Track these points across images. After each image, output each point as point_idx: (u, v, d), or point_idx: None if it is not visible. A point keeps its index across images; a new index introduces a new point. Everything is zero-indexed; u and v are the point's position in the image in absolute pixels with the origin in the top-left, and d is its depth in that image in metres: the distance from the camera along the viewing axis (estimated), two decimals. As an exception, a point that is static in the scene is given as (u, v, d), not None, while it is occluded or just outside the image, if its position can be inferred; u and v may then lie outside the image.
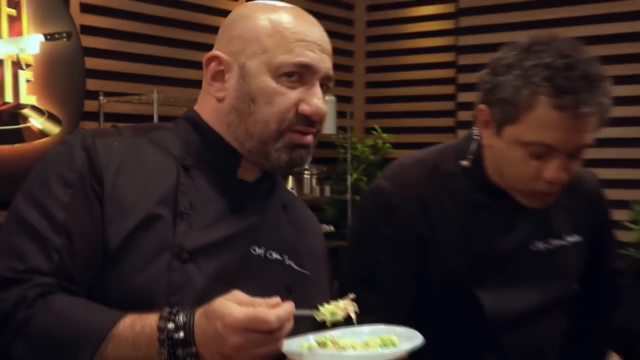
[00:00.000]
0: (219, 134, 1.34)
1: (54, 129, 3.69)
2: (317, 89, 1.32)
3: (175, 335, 1.10)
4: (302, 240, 1.43)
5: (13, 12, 3.60)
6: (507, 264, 1.63)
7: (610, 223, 1.87)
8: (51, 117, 3.71)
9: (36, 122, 3.66)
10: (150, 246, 1.23)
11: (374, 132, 5.38)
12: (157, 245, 1.23)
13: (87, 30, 3.98)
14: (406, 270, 1.62)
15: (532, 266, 1.65)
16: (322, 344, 1.19)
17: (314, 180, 4.97)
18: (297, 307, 1.13)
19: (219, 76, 1.34)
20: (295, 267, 1.37)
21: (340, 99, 5.10)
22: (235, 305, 1.07)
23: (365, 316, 1.42)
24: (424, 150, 1.73)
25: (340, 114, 5.06)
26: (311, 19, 1.37)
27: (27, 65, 3.64)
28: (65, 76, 3.77)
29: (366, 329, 1.26)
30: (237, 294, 1.10)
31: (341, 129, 5.13)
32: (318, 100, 1.31)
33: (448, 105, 5.29)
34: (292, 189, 4.76)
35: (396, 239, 1.60)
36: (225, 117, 1.33)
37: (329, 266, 1.51)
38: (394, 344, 1.19)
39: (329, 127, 4.86)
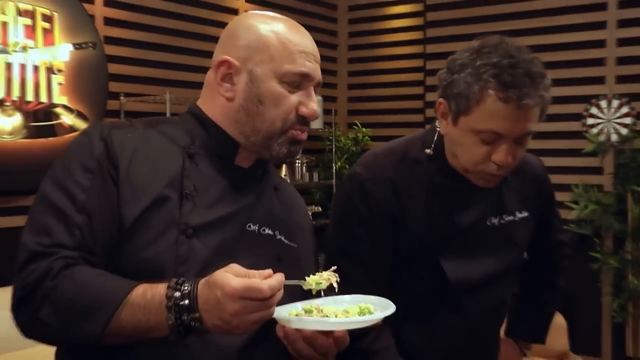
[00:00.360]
0: (222, 127, 1.33)
1: (82, 124, 3.66)
2: (314, 95, 1.32)
3: (181, 303, 1.09)
4: (291, 218, 1.42)
5: (47, 25, 3.57)
6: (467, 237, 1.63)
7: (553, 201, 1.87)
8: (79, 115, 3.69)
9: (67, 119, 3.63)
10: (159, 224, 1.21)
11: (355, 127, 5.38)
12: (165, 223, 1.22)
13: (110, 40, 3.96)
14: (382, 244, 1.62)
15: (488, 239, 1.66)
16: (308, 311, 1.19)
17: (304, 168, 4.96)
18: (286, 276, 1.12)
19: (227, 78, 1.31)
20: (285, 241, 1.37)
21: (326, 99, 5.09)
22: (232, 276, 1.07)
23: (349, 284, 1.45)
24: (394, 140, 1.72)
25: (326, 112, 5.06)
26: (304, 31, 1.35)
27: (59, 71, 3.61)
28: (91, 80, 3.75)
29: (347, 297, 1.26)
30: (235, 267, 1.09)
31: (327, 124, 5.12)
32: (315, 104, 1.31)
33: (417, 104, 5.29)
34: (285, 175, 4.75)
35: (372, 218, 1.60)
36: (233, 114, 1.31)
37: (315, 239, 1.50)
38: (370, 312, 1.20)
39: (316, 122, 4.85)
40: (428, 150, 1.63)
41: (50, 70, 3.57)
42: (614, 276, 4.47)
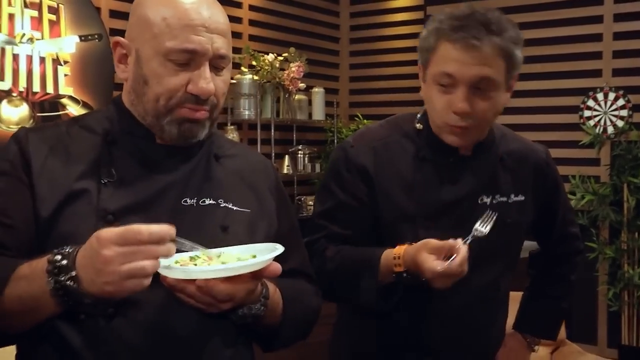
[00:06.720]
0: (130, 109, 1.29)
1: (88, 115, 3.64)
2: (205, 70, 1.22)
3: (60, 264, 1.04)
4: (241, 183, 1.35)
5: (53, 17, 3.54)
6: (453, 212, 1.60)
7: (559, 190, 1.82)
8: (85, 105, 3.65)
9: (73, 109, 3.60)
10: (77, 215, 1.18)
11: (357, 119, 5.32)
12: (84, 213, 1.18)
13: (115, 32, 3.88)
14: (359, 205, 1.61)
15: (478, 217, 1.59)
16: (193, 259, 1.11)
17: (306, 159, 4.93)
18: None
19: (123, 59, 1.27)
20: (234, 208, 1.29)
21: (328, 91, 5.04)
22: (114, 228, 1.01)
23: (331, 242, 1.58)
24: (392, 116, 1.76)
25: (328, 104, 5.01)
26: (199, 2, 1.23)
27: (65, 62, 3.58)
28: (97, 71, 3.72)
29: (242, 247, 1.18)
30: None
31: (329, 116, 5.07)
32: (204, 81, 1.21)
33: (418, 96, 5.20)
34: (288, 166, 4.72)
35: (351, 181, 1.61)
36: (128, 96, 1.28)
37: (281, 198, 1.42)
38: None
39: (318, 114, 4.86)
40: (418, 125, 1.64)
41: (56, 61, 3.54)
42: (610, 266, 4.45)
